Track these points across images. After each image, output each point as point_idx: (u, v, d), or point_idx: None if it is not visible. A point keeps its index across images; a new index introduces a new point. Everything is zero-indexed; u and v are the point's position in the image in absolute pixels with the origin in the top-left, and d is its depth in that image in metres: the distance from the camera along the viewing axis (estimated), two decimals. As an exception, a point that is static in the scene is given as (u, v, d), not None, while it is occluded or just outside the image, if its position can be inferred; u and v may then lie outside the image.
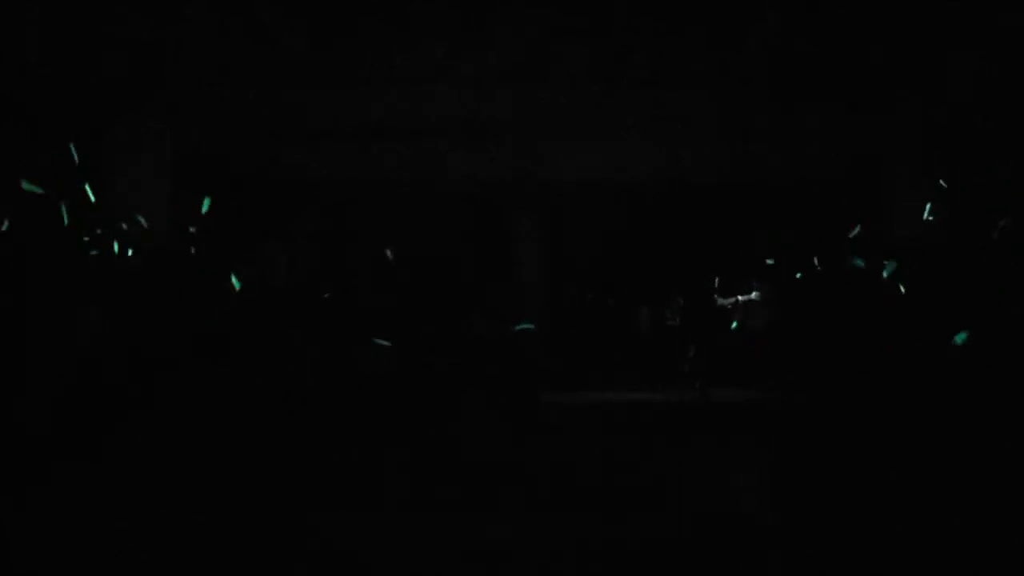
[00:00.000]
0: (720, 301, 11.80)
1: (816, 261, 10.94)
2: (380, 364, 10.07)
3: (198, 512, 4.77)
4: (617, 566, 3.83)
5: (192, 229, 9.79)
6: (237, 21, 8.58)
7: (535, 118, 10.76)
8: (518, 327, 10.97)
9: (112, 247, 9.33)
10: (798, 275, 11.36)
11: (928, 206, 9.85)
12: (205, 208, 9.39)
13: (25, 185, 7.73)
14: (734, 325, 11.21)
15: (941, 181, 9.69)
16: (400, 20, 8.64)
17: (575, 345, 12.98)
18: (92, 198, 8.74)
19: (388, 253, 10.59)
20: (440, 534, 4.35)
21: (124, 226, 9.57)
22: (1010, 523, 4.37)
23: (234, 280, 9.06)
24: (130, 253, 9.47)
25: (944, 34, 8.91)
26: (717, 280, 11.61)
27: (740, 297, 11.56)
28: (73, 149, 8.43)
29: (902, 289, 9.43)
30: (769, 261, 11.79)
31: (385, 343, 9.71)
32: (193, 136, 10.71)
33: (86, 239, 9.04)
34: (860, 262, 9.34)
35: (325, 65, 9.63)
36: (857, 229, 9.98)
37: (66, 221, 8.52)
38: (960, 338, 7.80)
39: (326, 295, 10.92)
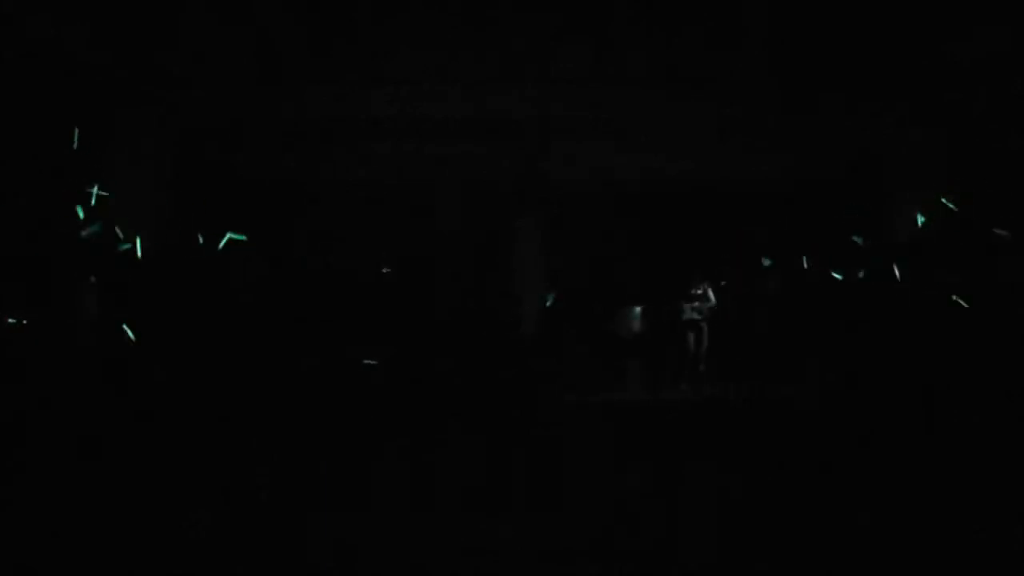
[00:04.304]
0: (714, 302, 11.79)
1: (816, 261, 10.94)
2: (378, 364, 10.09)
3: (198, 511, 4.77)
4: (616, 566, 3.82)
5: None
6: (237, 21, 8.59)
7: (535, 118, 10.76)
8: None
9: (111, 246, 9.32)
10: (797, 275, 11.36)
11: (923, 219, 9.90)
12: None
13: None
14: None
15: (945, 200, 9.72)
16: (400, 20, 8.65)
17: (575, 345, 12.96)
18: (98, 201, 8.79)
19: (390, 255, 10.61)
20: (439, 534, 4.34)
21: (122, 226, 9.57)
22: (1010, 523, 4.37)
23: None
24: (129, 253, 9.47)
25: (945, 34, 8.91)
26: (723, 282, 11.62)
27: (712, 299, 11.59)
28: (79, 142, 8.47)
29: (902, 289, 9.43)
30: (768, 261, 11.79)
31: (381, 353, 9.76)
32: (193, 136, 10.71)
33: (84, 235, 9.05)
34: (838, 275, 9.38)
35: (325, 65, 9.64)
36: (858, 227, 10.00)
37: (80, 219, 8.56)
38: None
39: (325, 296, 10.91)
